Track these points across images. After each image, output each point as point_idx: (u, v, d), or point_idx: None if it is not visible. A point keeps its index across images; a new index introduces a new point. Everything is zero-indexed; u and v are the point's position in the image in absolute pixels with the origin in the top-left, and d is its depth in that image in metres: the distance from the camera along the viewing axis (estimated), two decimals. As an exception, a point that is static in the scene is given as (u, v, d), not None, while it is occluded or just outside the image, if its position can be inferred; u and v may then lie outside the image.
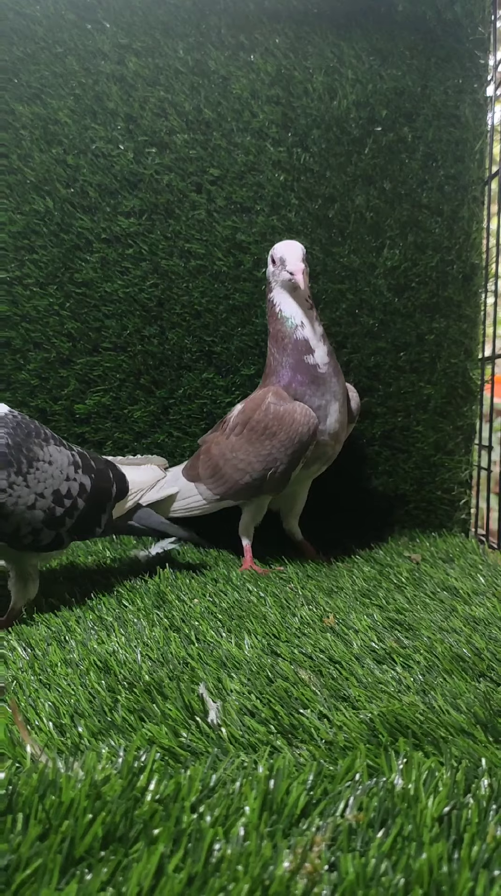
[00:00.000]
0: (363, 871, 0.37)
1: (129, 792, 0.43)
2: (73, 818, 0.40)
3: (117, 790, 0.43)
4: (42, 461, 0.78)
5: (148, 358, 1.28)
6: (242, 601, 0.86)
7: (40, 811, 0.40)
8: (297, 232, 1.28)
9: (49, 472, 0.79)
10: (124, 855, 0.38)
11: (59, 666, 0.68)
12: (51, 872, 0.36)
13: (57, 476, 0.80)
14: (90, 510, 0.85)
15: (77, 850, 0.38)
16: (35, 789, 0.42)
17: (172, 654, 0.69)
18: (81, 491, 0.83)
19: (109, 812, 0.40)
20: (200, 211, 1.27)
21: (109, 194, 1.26)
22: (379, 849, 0.39)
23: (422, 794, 0.44)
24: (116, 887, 0.36)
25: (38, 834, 0.39)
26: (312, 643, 0.71)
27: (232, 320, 1.28)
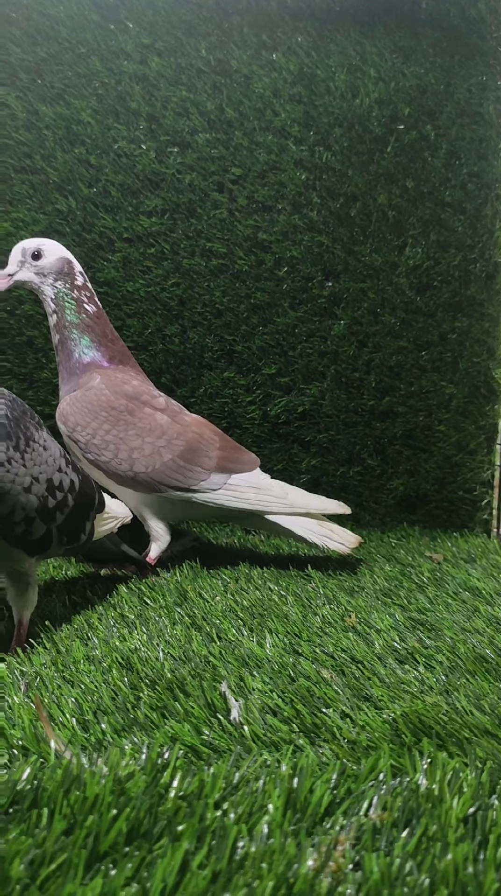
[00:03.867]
0: (387, 870, 0.37)
1: (152, 788, 0.43)
2: (97, 813, 0.40)
3: (141, 786, 0.43)
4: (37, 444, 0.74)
5: (169, 357, 1.28)
6: (263, 600, 0.86)
7: (65, 806, 0.41)
8: (319, 231, 1.28)
9: (44, 457, 0.74)
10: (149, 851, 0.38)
11: (81, 663, 0.68)
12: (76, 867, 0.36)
13: (51, 464, 0.75)
14: (78, 511, 0.80)
15: (102, 845, 0.38)
16: (60, 785, 0.42)
17: (194, 652, 0.69)
18: (72, 487, 0.78)
19: (134, 808, 0.40)
20: (221, 210, 1.27)
21: (132, 194, 1.26)
22: (404, 849, 0.39)
23: (447, 794, 0.44)
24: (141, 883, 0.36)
25: (63, 829, 0.39)
26: (333, 642, 0.71)
27: (253, 319, 1.28)
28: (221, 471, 1.01)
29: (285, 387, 1.30)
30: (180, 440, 1.00)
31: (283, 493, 1.02)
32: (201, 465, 1.00)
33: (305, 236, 1.28)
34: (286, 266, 1.28)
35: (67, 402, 1.00)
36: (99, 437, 0.98)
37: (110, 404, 0.98)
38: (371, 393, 1.31)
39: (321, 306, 1.29)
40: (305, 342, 1.29)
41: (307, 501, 1.03)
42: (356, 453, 1.32)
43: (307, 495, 1.04)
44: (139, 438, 0.98)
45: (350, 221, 1.29)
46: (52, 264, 1.01)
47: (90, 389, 0.99)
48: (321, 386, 1.30)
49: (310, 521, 1.02)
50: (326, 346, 1.30)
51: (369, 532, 1.30)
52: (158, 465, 0.98)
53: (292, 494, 1.03)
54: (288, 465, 1.31)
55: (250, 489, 1.02)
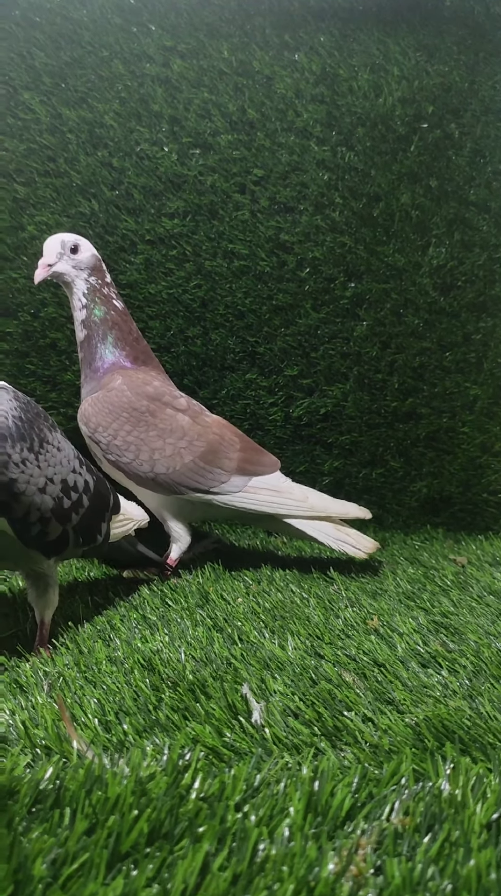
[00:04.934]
0: (409, 875, 0.37)
1: (173, 789, 0.43)
2: (119, 814, 0.40)
3: (162, 787, 0.43)
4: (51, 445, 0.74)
5: (191, 358, 1.28)
6: (285, 602, 0.86)
7: (87, 806, 0.41)
8: (341, 231, 1.28)
9: (58, 457, 0.75)
10: (170, 852, 0.38)
11: (104, 664, 0.68)
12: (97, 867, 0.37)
13: (65, 465, 0.76)
14: (93, 512, 0.81)
15: (123, 845, 0.38)
16: (82, 784, 0.42)
17: (216, 653, 0.70)
18: (86, 488, 0.79)
19: (155, 809, 0.41)
20: (243, 211, 1.27)
21: (154, 196, 1.27)
22: (426, 854, 0.39)
23: (470, 799, 0.43)
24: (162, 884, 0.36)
25: (85, 829, 0.39)
26: (356, 645, 0.71)
27: (275, 321, 1.28)
28: (241, 473, 1.01)
29: (308, 388, 1.30)
30: (201, 441, 1.00)
31: (303, 496, 1.02)
32: (221, 466, 1.00)
33: (327, 237, 1.28)
34: (309, 267, 1.28)
35: (88, 402, 1.00)
36: (120, 438, 0.98)
37: (132, 405, 0.99)
38: (394, 394, 1.31)
39: (344, 307, 1.29)
40: (327, 343, 1.29)
41: (327, 505, 1.03)
42: (379, 455, 1.32)
43: (327, 499, 1.04)
44: (160, 439, 0.99)
45: (373, 222, 1.28)
46: (88, 259, 1.03)
47: (112, 390, 1.00)
48: (344, 387, 1.30)
49: (327, 525, 1.02)
50: (348, 348, 1.30)
51: (392, 534, 1.30)
52: (178, 466, 0.99)
53: (313, 498, 1.02)
54: (310, 466, 1.31)
55: (269, 492, 1.02)
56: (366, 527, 1.23)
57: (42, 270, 1.00)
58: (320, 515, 1.02)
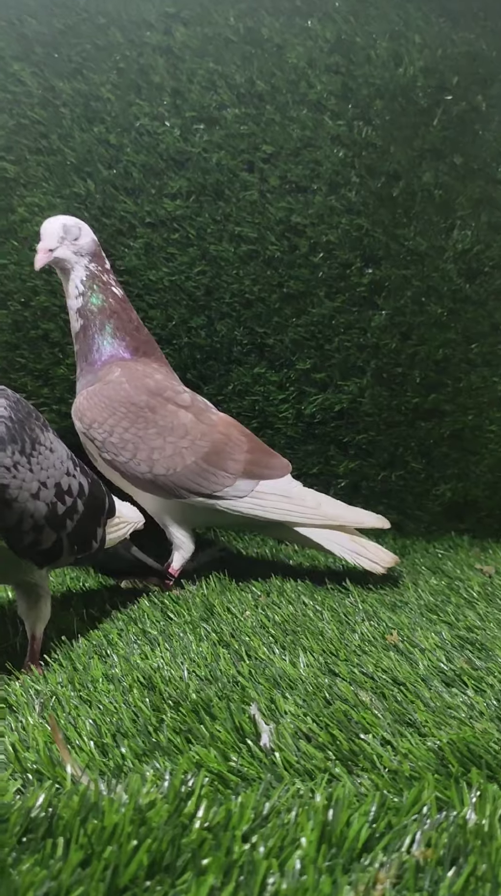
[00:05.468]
0: (431, 912, 0.37)
1: (176, 818, 0.43)
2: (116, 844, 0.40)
3: (163, 816, 0.43)
4: (44, 446, 0.74)
5: (195, 351, 1.29)
6: (296, 615, 0.86)
7: (82, 836, 0.41)
8: (358, 213, 1.28)
9: (51, 460, 0.74)
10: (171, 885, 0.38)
11: (100, 682, 0.69)
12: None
13: (58, 467, 0.75)
14: (89, 517, 0.80)
15: (121, 878, 0.38)
16: (76, 812, 0.43)
17: (222, 671, 0.70)
18: (81, 491, 0.79)
19: (155, 839, 0.41)
20: (251, 191, 1.27)
21: (154, 175, 1.27)
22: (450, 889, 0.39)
23: (498, 830, 0.43)
24: (163, 920, 0.36)
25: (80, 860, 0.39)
26: (373, 662, 0.71)
27: (286, 310, 1.28)
28: (248, 476, 1.01)
29: (321, 383, 1.30)
30: (205, 441, 1.00)
31: (315, 503, 1.02)
32: (226, 469, 1.00)
33: (342, 219, 1.27)
34: (322, 252, 1.28)
35: (83, 396, 1.01)
36: (117, 436, 0.98)
37: (130, 399, 0.99)
38: (416, 389, 1.30)
39: (361, 295, 1.29)
40: (342, 334, 1.29)
41: (341, 513, 1.02)
42: (399, 456, 1.31)
43: (342, 507, 1.04)
44: (160, 438, 0.99)
45: (393, 202, 1.28)
46: (89, 245, 1.04)
47: (109, 383, 1.00)
48: (361, 382, 1.30)
49: (341, 536, 1.02)
50: (366, 339, 1.29)
51: (413, 542, 1.30)
52: (179, 467, 0.99)
53: (326, 505, 1.02)
54: (324, 468, 1.31)
55: (279, 498, 1.01)
56: (385, 534, 1.23)
57: (43, 256, 1.00)
58: (333, 524, 1.02)
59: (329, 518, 1.01)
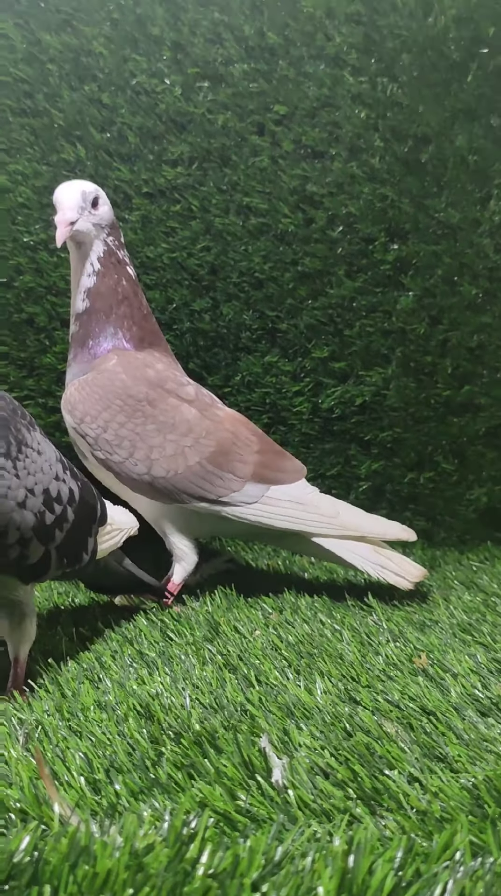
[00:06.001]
0: None
1: (177, 864, 0.43)
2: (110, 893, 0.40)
3: (163, 861, 0.43)
4: (31, 448, 0.73)
5: (198, 337, 1.29)
6: (312, 635, 0.86)
7: (71, 883, 0.41)
8: (382, 181, 1.27)
9: (39, 463, 0.74)
10: (172, 940, 0.38)
11: (91, 710, 0.69)
12: None
13: (47, 471, 0.75)
14: (79, 526, 0.80)
15: (115, 931, 0.39)
16: (65, 857, 0.43)
17: (228, 698, 0.70)
18: (71, 498, 0.78)
19: (154, 887, 0.41)
20: (262, 157, 1.27)
21: (153, 139, 1.27)
22: None
23: (540, 879, 0.43)
24: None
25: (69, 911, 0.39)
26: (399, 689, 0.71)
27: (301, 290, 1.28)
28: (258, 480, 1.01)
29: (341, 373, 1.30)
30: (210, 440, 1.00)
31: (333, 511, 1.02)
32: (233, 471, 1.00)
33: (365, 188, 1.27)
34: (342, 225, 1.28)
35: (75, 386, 1.01)
36: (111, 432, 0.99)
37: (127, 391, 0.99)
38: (447, 381, 1.30)
39: (385, 274, 1.29)
40: (364, 318, 1.29)
41: (362, 523, 1.02)
42: (428, 455, 1.31)
43: (363, 515, 1.04)
44: (160, 435, 0.99)
45: (421, 169, 1.28)
46: (108, 215, 1.04)
47: (104, 373, 1.00)
48: (385, 372, 1.29)
49: (363, 547, 1.02)
50: (390, 324, 1.29)
51: (444, 553, 1.29)
52: (181, 469, 0.99)
53: (345, 514, 1.02)
54: (344, 469, 1.31)
55: (292, 505, 1.01)
56: (412, 544, 1.23)
57: (65, 229, 0.98)
58: (353, 535, 1.02)
59: (349, 528, 1.01)
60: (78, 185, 1.02)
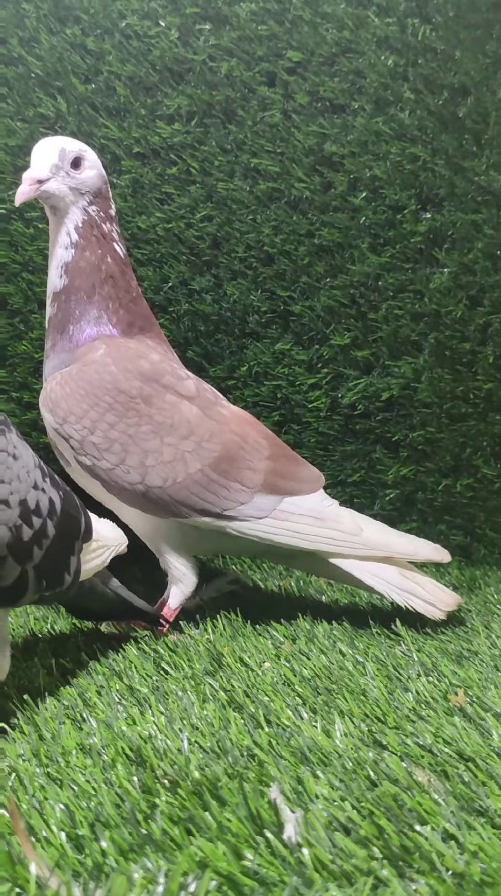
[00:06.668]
0: None
1: (173, 934, 0.43)
2: None
3: (157, 931, 0.43)
4: (5, 452, 0.73)
5: (198, 321, 1.29)
6: (331, 668, 0.86)
7: None
8: (412, 139, 1.27)
9: (14, 470, 0.73)
10: None
11: (74, 754, 0.69)
12: None
13: (24, 479, 0.74)
14: (61, 542, 0.79)
15: None
16: (43, 925, 0.43)
17: (233, 741, 0.70)
18: (51, 510, 0.78)
19: None
20: (272, 112, 1.27)
21: (145, 91, 1.27)
22: None
23: None
24: None
25: None
26: (432, 731, 0.71)
27: (318, 267, 1.28)
28: (269, 490, 1.01)
29: (364, 364, 1.30)
30: (214, 444, 1.00)
31: (355, 527, 1.02)
32: (241, 480, 1.00)
33: (392, 147, 1.27)
34: (366, 190, 1.28)
35: (56, 381, 1.01)
36: (100, 434, 0.98)
37: (118, 387, 0.99)
38: (488, 372, 1.30)
39: (416, 248, 1.29)
40: (392, 299, 1.29)
41: (389, 541, 1.02)
42: (467, 459, 1.31)
43: (390, 532, 1.03)
44: (157, 438, 0.99)
45: (458, 125, 1.28)
46: (93, 180, 1.03)
47: (90, 365, 1.00)
48: (416, 362, 1.29)
49: (388, 570, 1.02)
50: (422, 306, 1.29)
51: (484, 572, 1.29)
52: (180, 477, 0.99)
53: (369, 530, 1.02)
54: (367, 475, 1.31)
55: (308, 520, 1.01)
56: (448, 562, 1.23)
57: (29, 188, 0.97)
58: (378, 555, 1.02)
59: (373, 547, 1.01)
60: (58, 141, 1.02)
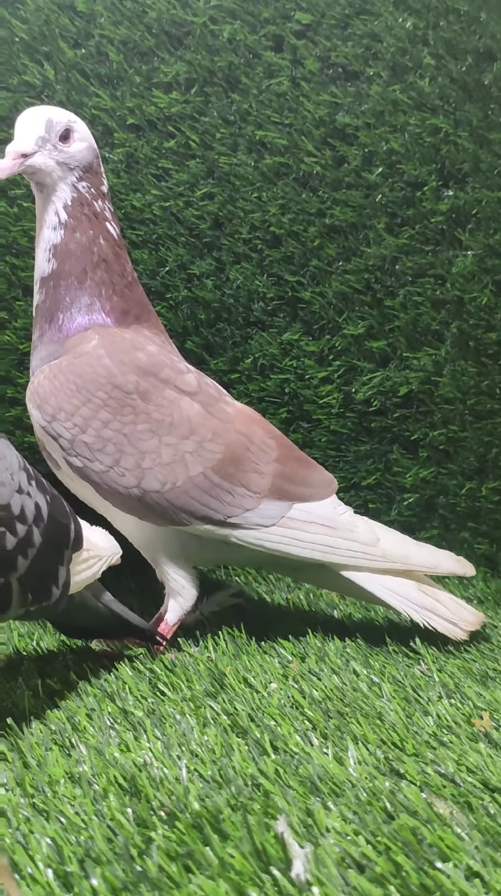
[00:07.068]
0: None
1: None
2: None
3: None
4: None
5: (198, 309, 1.29)
6: (344, 689, 0.86)
7: None
8: (433, 109, 1.27)
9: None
10: None
11: (62, 784, 0.69)
12: None
13: (8, 483, 0.74)
14: (48, 552, 0.80)
15: None
16: None
17: (236, 769, 0.70)
18: (38, 516, 0.78)
19: None
20: (280, 79, 1.27)
21: (140, 56, 1.27)
22: None
23: None
24: None
25: None
26: (455, 758, 0.71)
27: (329, 249, 1.28)
28: (277, 496, 1.01)
29: (380, 356, 1.30)
30: (217, 444, 1.00)
31: (372, 537, 1.02)
32: (246, 485, 1.00)
33: (411, 118, 1.27)
34: (382, 166, 1.28)
35: (45, 374, 1.01)
36: (92, 432, 0.98)
37: (113, 381, 0.99)
38: (517, 364, 1.30)
39: (437, 228, 1.29)
40: (411, 285, 1.29)
41: (409, 553, 1.02)
42: (493, 460, 1.31)
43: (410, 543, 1.03)
44: (154, 438, 0.99)
45: (483, 93, 1.28)
46: (83, 154, 1.03)
47: (82, 356, 1.00)
48: (437, 354, 1.29)
49: (406, 585, 1.02)
50: (444, 292, 1.29)
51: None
52: (180, 480, 0.99)
53: (387, 540, 1.02)
54: (383, 478, 1.31)
55: (319, 528, 1.01)
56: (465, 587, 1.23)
57: (12, 162, 0.97)
58: (396, 568, 1.01)
59: (391, 559, 1.01)
60: (45, 111, 1.01)
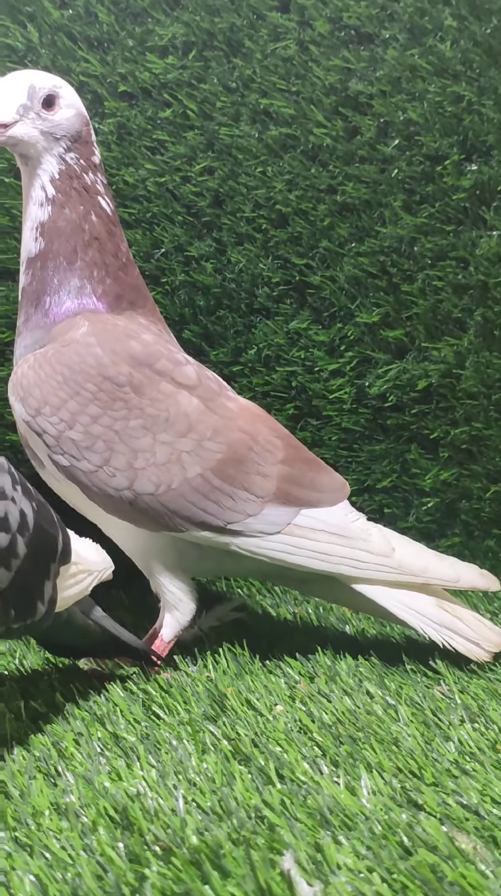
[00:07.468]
0: None
1: None
2: None
3: None
4: None
5: (197, 295, 1.29)
6: (356, 712, 0.86)
7: None
8: (454, 75, 1.27)
9: None
10: None
11: (47, 815, 0.69)
12: None
13: None
14: (33, 565, 0.79)
15: None
16: None
17: (238, 800, 0.70)
18: (22, 524, 0.77)
19: None
20: (286, 42, 1.27)
21: (133, 17, 1.28)
22: None
23: None
24: None
25: None
26: (478, 788, 0.71)
27: (341, 229, 1.28)
28: (282, 501, 1.01)
29: (397, 346, 1.30)
30: (218, 443, 1.00)
31: (387, 547, 1.01)
32: (249, 488, 1.00)
33: (431, 85, 1.27)
34: (399, 137, 1.28)
35: (29, 364, 1.00)
36: (80, 428, 0.98)
37: (103, 372, 0.99)
38: (547, 356, 1.30)
39: (459, 206, 1.29)
40: (430, 269, 1.29)
41: (428, 565, 1.02)
42: (520, 461, 1.31)
43: (429, 554, 1.03)
44: (149, 435, 0.99)
45: (510, 58, 1.28)
46: (70, 122, 1.03)
47: (70, 345, 1.00)
48: (459, 344, 1.29)
49: (423, 600, 1.01)
50: (467, 276, 1.29)
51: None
52: (176, 483, 0.99)
53: (403, 551, 1.02)
54: (400, 480, 1.31)
55: (329, 537, 1.01)
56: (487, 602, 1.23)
57: None
58: (413, 581, 1.01)
59: (408, 572, 1.01)
60: (27, 76, 1.01)
